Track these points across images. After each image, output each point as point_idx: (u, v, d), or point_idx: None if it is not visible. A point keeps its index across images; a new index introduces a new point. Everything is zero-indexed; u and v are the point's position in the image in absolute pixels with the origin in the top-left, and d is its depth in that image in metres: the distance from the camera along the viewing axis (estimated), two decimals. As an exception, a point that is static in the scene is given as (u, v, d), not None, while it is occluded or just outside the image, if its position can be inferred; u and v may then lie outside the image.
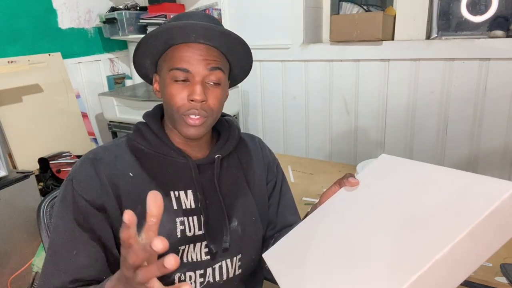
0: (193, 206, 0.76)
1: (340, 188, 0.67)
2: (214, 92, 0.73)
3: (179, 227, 0.73)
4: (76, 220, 0.68)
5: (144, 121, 0.81)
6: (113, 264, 0.71)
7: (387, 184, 0.60)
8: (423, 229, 0.48)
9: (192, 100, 0.71)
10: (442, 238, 0.44)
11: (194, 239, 0.75)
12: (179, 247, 0.73)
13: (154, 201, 0.42)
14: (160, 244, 0.39)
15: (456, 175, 0.53)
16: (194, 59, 0.71)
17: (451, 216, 0.46)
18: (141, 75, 0.82)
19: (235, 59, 0.79)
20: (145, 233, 0.43)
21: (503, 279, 0.93)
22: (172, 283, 0.73)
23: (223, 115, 0.88)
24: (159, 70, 0.77)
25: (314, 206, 0.71)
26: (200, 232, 0.75)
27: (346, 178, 0.66)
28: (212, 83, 0.73)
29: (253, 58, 0.84)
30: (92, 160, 0.73)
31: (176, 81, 0.71)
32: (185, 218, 0.74)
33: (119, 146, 0.78)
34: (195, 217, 0.75)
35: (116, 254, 0.71)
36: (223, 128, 0.86)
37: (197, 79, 0.71)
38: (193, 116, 0.72)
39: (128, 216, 0.41)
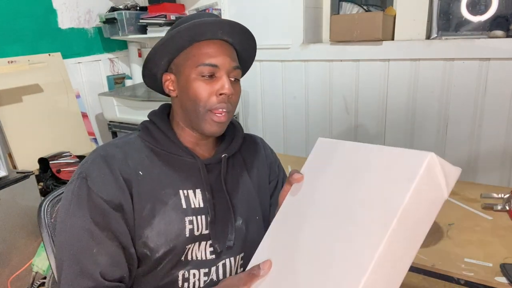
0: (201, 205, 0.76)
1: (290, 186, 0.65)
2: (237, 87, 0.77)
3: (188, 227, 0.73)
4: (94, 219, 0.67)
5: (150, 119, 0.82)
6: (131, 263, 0.70)
7: (326, 174, 0.59)
8: (359, 223, 0.48)
9: (220, 94, 0.73)
10: (377, 232, 0.45)
11: (200, 238, 0.75)
12: (186, 246, 0.73)
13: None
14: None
15: (381, 153, 0.53)
16: (221, 55, 0.74)
17: (380, 202, 0.47)
18: (148, 75, 0.80)
19: (243, 56, 0.82)
20: None
21: (503, 279, 0.93)
22: (176, 280, 0.74)
23: None
24: (177, 68, 0.76)
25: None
26: (206, 232, 0.76)
27: (291, 175, 0.64)
28: (233, 79, 0.76)
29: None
30: (104, 157, 0.72)
31: (203, 76, 0.73)
32: (194, 217, 0.74)
33: (128, 143, 0.77)
34: (203, 216, 0.76)
35: (133, 253, 0.70)
36: (228, 129, 0.87)
37: (223, 74, 0.74)
38: (220, 110, 0.74)
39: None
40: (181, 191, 0.75)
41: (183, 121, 0.79)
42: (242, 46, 0.79)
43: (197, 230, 0.74)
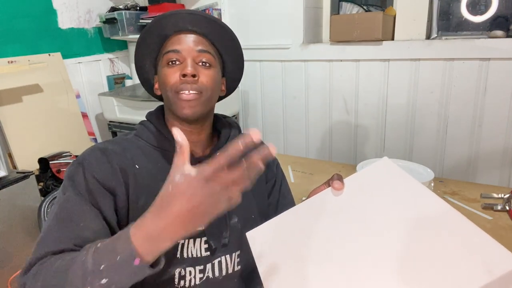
0: None
1: (328, 187, 0.66)
2: (206, 72, 0.77)
3: None
4: (86, 196, 0.69)
5: (147, 119, 0.85)
6: None
7: (385, 202, 0.58)
8: (420, 277, 0.47)
9: (184, 76, 0.74)
10: None
11: (193, 234, 0.75)
12: (179, 241, 0.74)
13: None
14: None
15: (461, 224, 0.51)
16: (184, 42, 0.76)
17: (446, 273, 0.46)
18: (143, 80, 0.86)
19: (224, 49, 0.82)
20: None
21: (503, 279, 0.93)
22: (172, 278, 0.74)
23: (224, 116, 0.90)
24: (157, 67, 0.81)
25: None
26: (200, 228, 0.76)
27: (332, 180, 0.65)
28: (202, 64, 0.77)
29: (253, 58, 0.87)
30: (102, 150, 0.75)
31: (169, 64, 0.76)
32: None
33: (126, 140, 0.80)
34: None
35: None
36: (224, 128, 0.88)
37: (187, 57, 0.76)
38: (186, 92, 0.75)
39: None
40: None
41: (170, 115, 0.81)
42: (216, 37, 0.80)
43: None
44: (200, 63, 0.77)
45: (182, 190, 0.49)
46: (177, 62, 0.76)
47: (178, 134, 0.52)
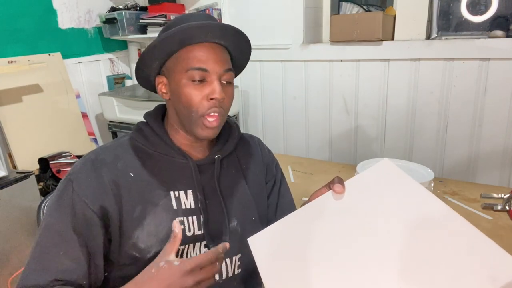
0: (192, 206, 0.76)
1: (329, 190, 0.65)
2: (229, 91, 0.76)
3: None
4: (70, 222, 0.67)
5: (145, 120, 0.81)
6: (93, 271, 0.69)
7: (386, 205, 0.58)
8: (421, 282, 0.47)
9: (211, 99, 0.72)
10: None
11: (193, 239, 0.75)
12: (179, 247, 0.73)
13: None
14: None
15: (464, 228, 0.50)
16: (211, 59, 0.72)
17: (447, 277, 0.46)
18: (141, 77, 0.80)
19: (238, 57, 0.81)
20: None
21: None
22: None
23: None
24: (168, 72, 0.76)
25: (304, 204, 0.71)
26: (200, 232, 0.75)
27: (333, 183, 0.64)
28: (225, 82, 0.75)
29: (253, 58, 0.86)
30: (93, 161, 0.73)
31: (193, 81, 0.72)
32: (185, 218, 0.74)
33: (120, 145, 0.78)
34: (194, 217, 0.75)
35: (98, 263, 0.69)
36: (223, 129, 0.86)
37: (214, 78, 0.72)
38: (212, 114, 0.73)
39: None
40: (172, 192, 0.75)
41: (177, 124, 0.79)
42: (236, 47, 0.78)
43: (189, 231, 0.74)
44: (224, 81, 0.75)
45: (163, 276, 0.59)
46: (203, 81, 0.72)
47: (177, 226, 0.63)
